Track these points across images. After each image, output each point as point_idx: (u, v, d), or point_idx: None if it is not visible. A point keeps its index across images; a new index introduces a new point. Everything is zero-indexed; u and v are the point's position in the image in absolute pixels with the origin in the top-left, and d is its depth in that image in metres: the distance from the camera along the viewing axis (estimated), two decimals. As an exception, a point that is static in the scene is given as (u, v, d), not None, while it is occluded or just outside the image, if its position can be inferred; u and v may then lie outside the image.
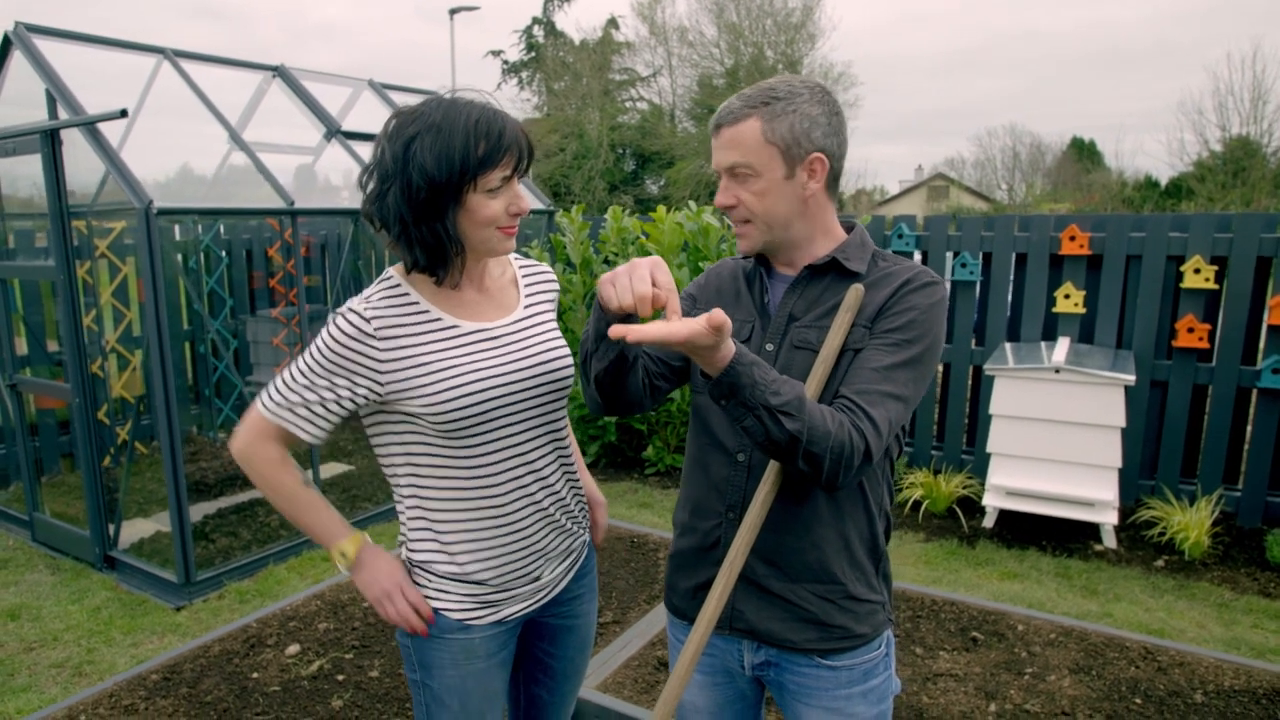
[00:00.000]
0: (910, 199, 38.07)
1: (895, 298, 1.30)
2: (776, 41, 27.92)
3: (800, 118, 1.29)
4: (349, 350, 1.35)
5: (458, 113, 1.32)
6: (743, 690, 1.48)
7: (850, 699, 1.37)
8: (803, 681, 1.38)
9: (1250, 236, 4.12)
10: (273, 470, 1.42)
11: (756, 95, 1.30)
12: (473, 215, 1.35)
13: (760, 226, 1.34)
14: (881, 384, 1.25)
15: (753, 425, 1.16)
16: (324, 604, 3.36)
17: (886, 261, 1.37)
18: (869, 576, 1.37)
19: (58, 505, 4.43)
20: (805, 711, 1.39)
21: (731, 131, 1.30)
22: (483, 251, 1.42)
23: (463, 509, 1.44)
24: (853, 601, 1.35)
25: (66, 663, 3.16)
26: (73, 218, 3.77)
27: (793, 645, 1.35)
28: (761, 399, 1.14)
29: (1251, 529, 4.21)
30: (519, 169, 1.37)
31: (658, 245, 5.18)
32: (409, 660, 1.52)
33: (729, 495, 1.37)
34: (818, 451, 1.16)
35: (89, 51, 4.03)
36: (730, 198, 1.33)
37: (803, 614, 1.34)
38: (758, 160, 1.29)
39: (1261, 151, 23.30)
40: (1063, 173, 33.01)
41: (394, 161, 1.32)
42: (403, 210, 1.33)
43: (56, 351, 5.04)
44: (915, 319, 1.29)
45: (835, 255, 1.35)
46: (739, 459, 1.36)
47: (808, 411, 1.17)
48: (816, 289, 1.36)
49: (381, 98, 5.33)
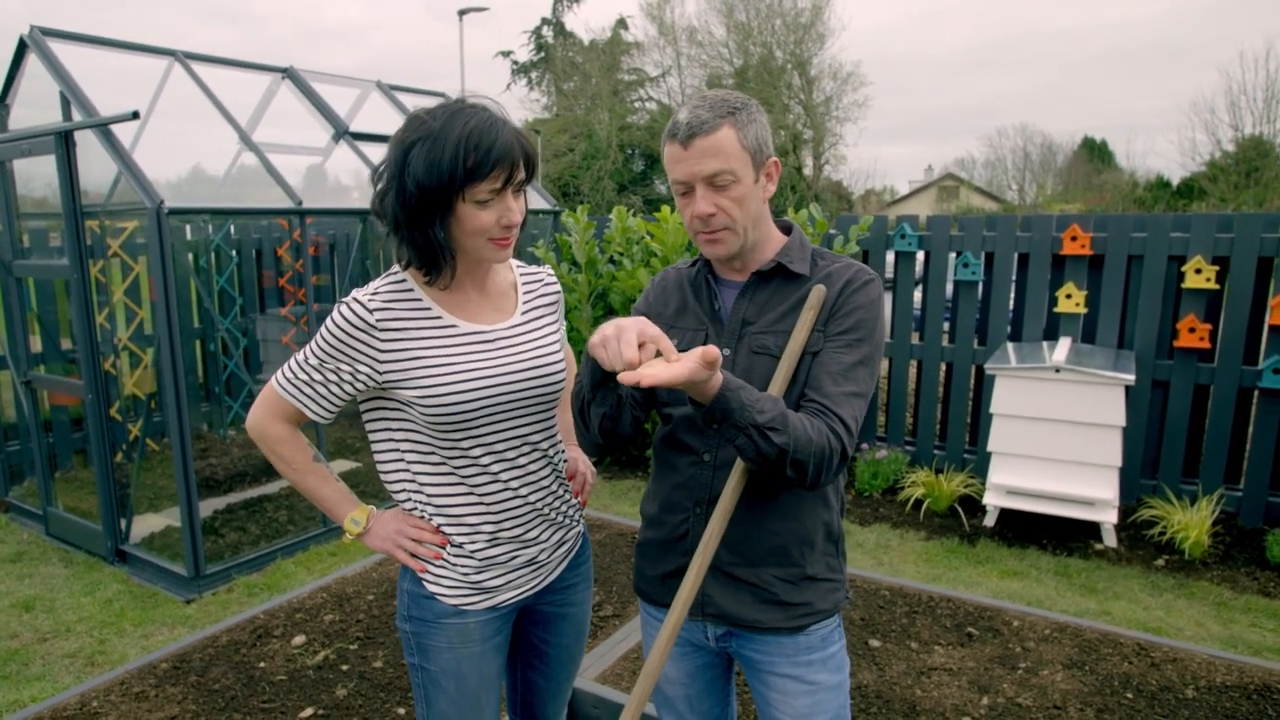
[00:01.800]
0: (920, 199, 37.97)
1: (841, 299, 1.38)
2: (785, 41, 27.91)
3: (760, 126, 1.36)
4: (351, 338, 1.41)
5: (454, 122, 1.35)
6: (711, 661, 1.58)
7: (811, 665, 1.44)
8: (763, 649, 1.46)
9: (1251, 236, 4.13)
10: (283, 445, 1.51)
11: (720, 105, 1.34)
12: (462, 225, 1.39)
13: (739, 231, 1.38)
14: (845, 385, 1.32)
15: (744, 444, 1.24)
16: (330, 596, 3.42)
17: (825, 260, 1.45)
18: (827, 557, 1.46)
19: (71, 500, 4.52)
20: (771, 679, 1.47)
21: (708, 141, 1.32)
22: (476, 260, 1.47)
23: (452, 493, 1.50)
24: (811, 581, 1.43)
25: (79, 653, 3.23)
26: (86, 217, 3.84)
27: (761, 625, 1.43)
28: (750, 419, 1.22)
29: (1252, 529, 4.22)
30: (511, 182, 1.38)
31: (661, 245, 5.22)
32: (408, 645, 1.58)
33: (696, 492, 1.44)
34: (803, 459, 1.24)
35: (102, 54, 4.10)
36: (710, 205, 1.35)
37: (766, 595, 1.42)
38: (739, 166, 1.33)
39: (1275, 151, 23.14)
40: (1074, 173, 32.88)
41: (393, 165, 1.38)
42: (397, 212, 1.39)
43: (70, 349, 5.13)
44: (863, 319, 1.37)
45: (780, 260, 1.42)
46: (705, 459, 1.43)
47: (791, 424, 1.24)
48: (765, 293, 1.43)
49: (389, 99, 5.40)
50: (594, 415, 1.43)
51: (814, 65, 27.86)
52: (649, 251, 5.50)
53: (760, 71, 27.48)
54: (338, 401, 1.47)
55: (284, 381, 1.47)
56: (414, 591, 1.54)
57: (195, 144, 4.59)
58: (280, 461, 1.53)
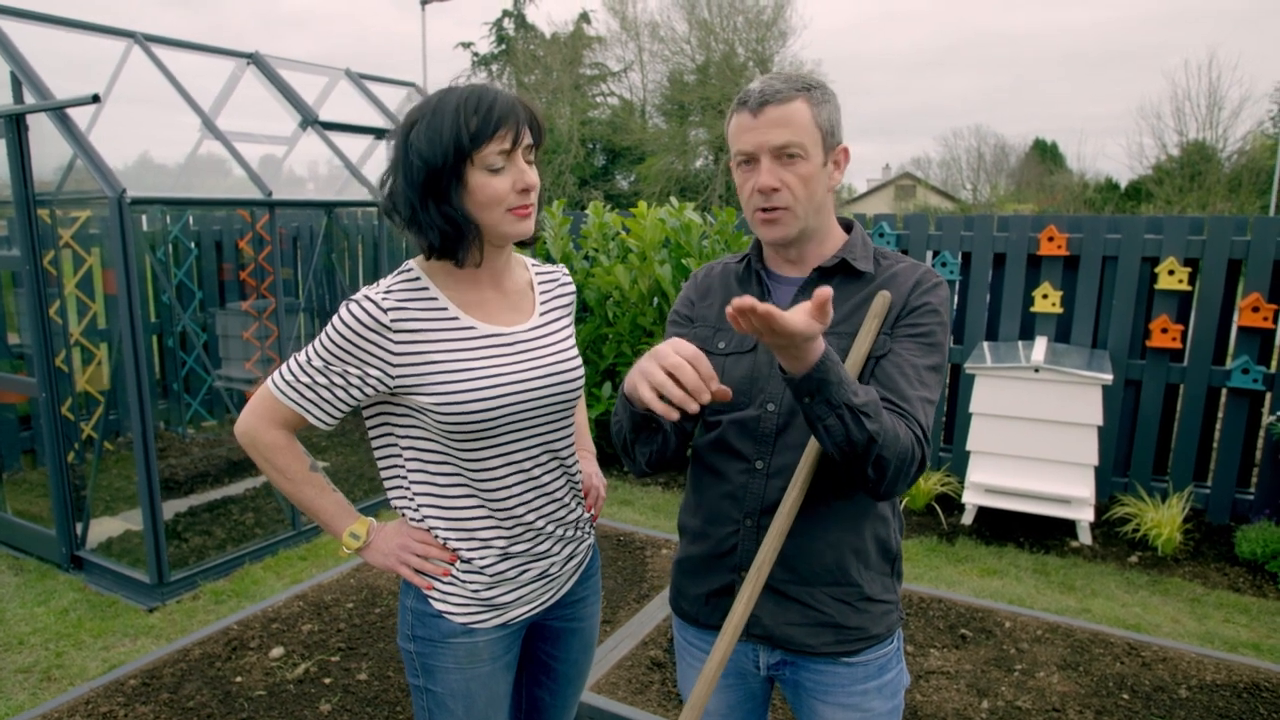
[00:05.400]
0: (878, 197, 38.49)
1: (912, 299, 1.29)
2: (747, 39, 28.04)
3: (833, 108, 1.28)
4: (362, 339, 1.32)
5: (451, 95, 1.33)
6: (753, 690, 1.47)
7: (866, 694, 1.36)
8: (819, 679, 1.37)
9: (1222, 239, 4.22)
10: (279, 454, 1.40)
11: (795, 80, 1.27)
12: (475, 195, 1.32)
13: (799, 213, 1.29)
14: (920, 389, 1.24)
15: (834, 424, 1.12)
16: (307, 605, 3.29)
17: (888, 259, 1.36)
18: (884, 577, 1.37)
19: (20, 503, 4.28)
20: (822, 709, 1.38)
21: (781, 111, 1.24)
22: (497, 237, 1.38)
23: (463, 505, 1.41)
24: (869, 603, 1.34)
25: (34, 667, 3.05)
26: (37, 206, 3.63)
27: (810, 650, 1.33)
28: (845, 398, 1.11)
29: (1220, 525, 4.31)
30: (519, 143, 1.33)
31: (639, 241, 5.15)
32: (411, 666, 1.49)
33: (747, 502, 1.33)
34: (887, 457, 1.14)
35: (56, 34, 3.88)
36: (775, 180, 1.26)
37: (820, 617, 1.32)
38: (809, 141, 1.25)
39: (1217, 156, 23.97)
40: (1026, 174, 33.65)
41: (398, 151, 1.34)
42: (408, 194, 1.32)
43: (17, 345, 4.88)
44: (938, 323, 1.29)
45: (844, 256, 1.33)
46: (757, 466, 1.32)
47: (883, 415, 1.14)
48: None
49: (359, 88, 5.22)
50: (640, 454, 1.35)
51: (775, 63, 28.02)
52: (625, 248, 5.42)
53: (722, 68, 27.57)
54: (343, 407, 1.37)
55: (282, 384, 1.36)
56: (419, 610, 1.45)
57: (154, 131, 4.40)
58: (274, 471, 1.41)
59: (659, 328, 5.24)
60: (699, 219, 5.18)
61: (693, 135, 29.01)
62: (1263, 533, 3.88)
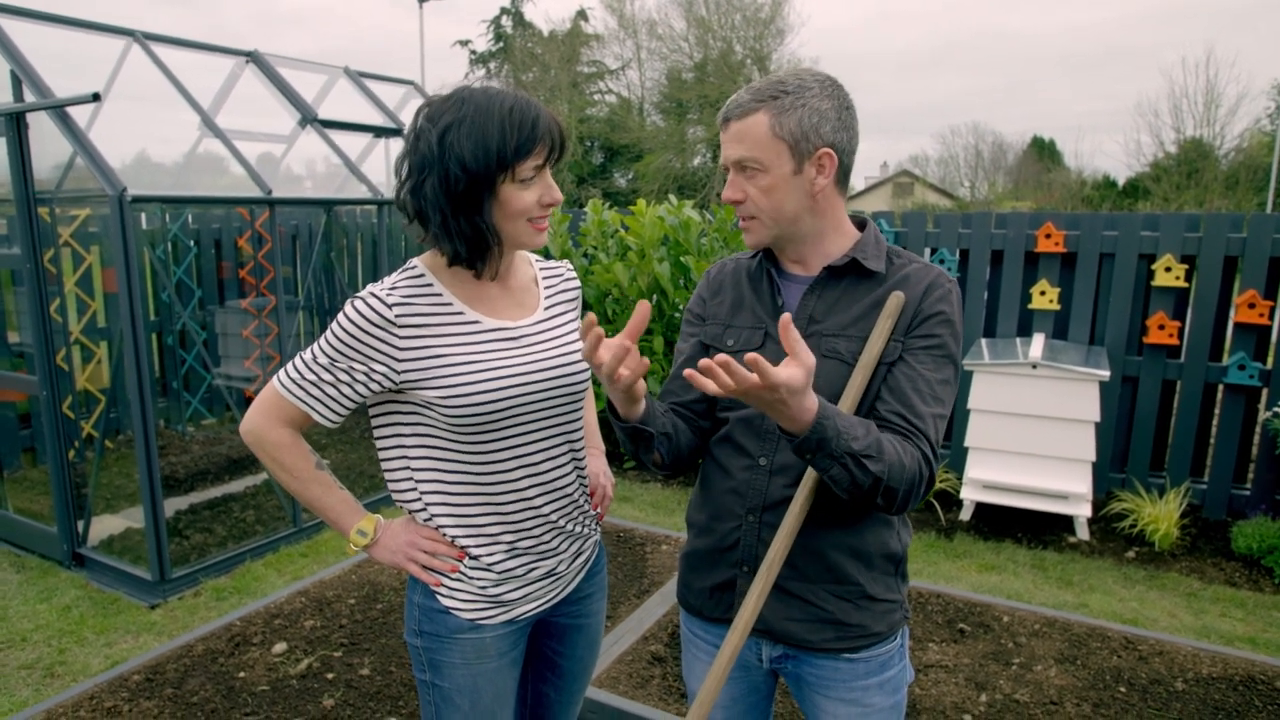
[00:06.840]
0: (876, 195, 38.51)
1: (924, 306, 1.28)
2: (745, 36, 28.04)
3: (809, 112, 1.26)
4: (368, 336, 1.33)
5: (492, 101, 1.31)
6: (757, 683, 1.49)
7: (867, 690, 1.38)
8: (820, 674, 1.38)
9: (1218, 236, 4.24)
10: (285, 452, 1.41)
11: (766, 89, 1.28)
12: (505, 207, 1.34)
13: (766, 222, 1.32)
14: (933, 405, 1.25)
15: (839, 473, 1.14)
16: (309, 601, 3.30)
17: (901, 259, 1.36)
18: (887, 577, 1.38)
19: (21, 501, 4.29)
20: (823, 703, 1.40)
21: (739, 125, 1.28)
22: (512, 245, 1.40)
23: (471, 502, 1.42)
24: (870, 601, 1.35)
25: (37, 664, 3.06)
26: (38, 204, 3.64)
27: (810, 645, 1.35)
28: (845, 446, 1.13)
29: (1217, 521, 4.34)
30: (551, 158, 1.35)
31: (638, 239, 5.16)
32: (418, 661, 1.50)
33: (750, 498, 1.35)
34: (895, 486, 1.17)
35: (56, 32, 3.88)
36: (738, 192, 1.31)
37: (820, 614, 1.34)
38: (765, 155, 1.27)
39: (1214, 153, 24.01)
40: (1024, 171, 33.66)
41: (430, 151, 1.30)
42: (441, 202, 1.31)
43: (17, 343, 4.88)
44: (951, 335, 1.29)
45: (855, 255, 1.33)
46: (760, 463, 1.35)
47: (885, 451, 1.16)
48: (835, 291, 1.34)
49: (358, 86, 5.23)
50: (647, 460, 1.36)
51: (773, 61, 28.02)
52: (624, 245, 5.44)
53: (720, 66, 27.57)
54: (349, 404, 1.38)
55: (288, 382, 1.37)
56: (426, 605, 1.46)
57: (153, 129, 4.40)
58: (280, 470, 1.42)
59: (658, 325, 5.25)
60: (698, 217, 5.19)
61: (690, 133, 29.02)
62: (1259, 528, 3.91)
